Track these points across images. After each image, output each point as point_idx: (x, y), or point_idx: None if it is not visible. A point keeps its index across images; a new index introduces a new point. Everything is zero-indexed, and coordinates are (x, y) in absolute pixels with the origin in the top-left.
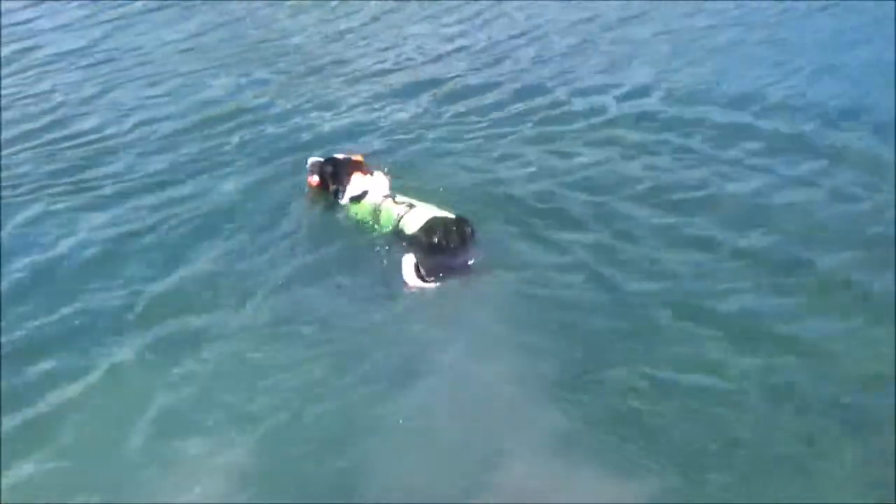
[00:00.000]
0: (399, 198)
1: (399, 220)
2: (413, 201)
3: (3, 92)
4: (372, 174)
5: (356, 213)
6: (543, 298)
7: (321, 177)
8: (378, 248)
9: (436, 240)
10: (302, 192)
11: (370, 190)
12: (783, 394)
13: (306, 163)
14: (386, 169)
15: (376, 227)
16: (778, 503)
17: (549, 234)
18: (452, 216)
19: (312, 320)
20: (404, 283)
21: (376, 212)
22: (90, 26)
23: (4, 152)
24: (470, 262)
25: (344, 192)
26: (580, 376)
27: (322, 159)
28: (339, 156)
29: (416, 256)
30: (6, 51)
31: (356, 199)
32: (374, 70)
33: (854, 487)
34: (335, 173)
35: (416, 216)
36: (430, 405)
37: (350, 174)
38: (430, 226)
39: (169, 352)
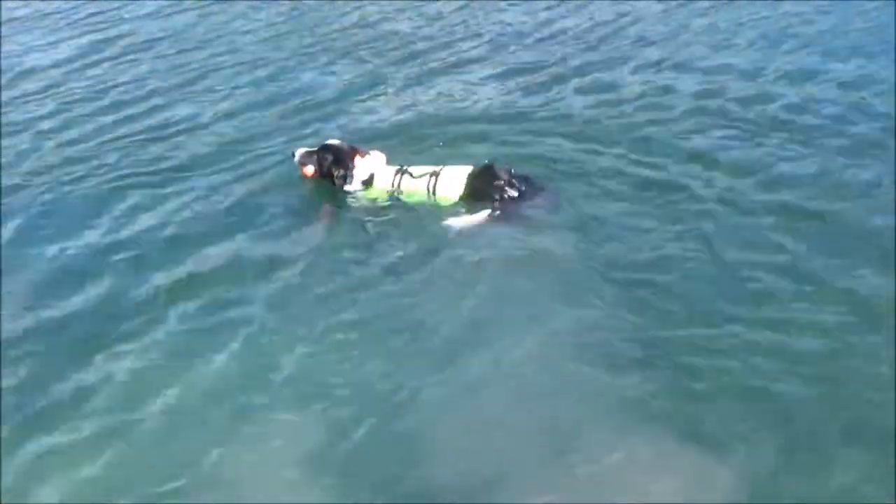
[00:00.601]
0: (414, 170)
1: (433, 192)
2: (430, 168)
3: (86, 83)
4: (369, 154)
5: (376, 198)
6: (614, 261)
7: (320, 165)
8: (413, 221)
9: (486, 186)
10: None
11: (376, 171)
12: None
13: (292, 155)
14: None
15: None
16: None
17: (624, 199)
18: (484, 165)
19: (365, 298)
20: (448, 225)
21: (397, 193)
22: (174, 14)
23: (93, 142)
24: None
25: (352, 177)
26: (655, 345)
27: (311, 148)
28: (333, 142)
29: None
30: (87, 40)
31: (366, 183)
32: (462, 56)
33: None
34: (338, 160)
35: (449, 180)
36: (496, 377)
37: (353, 158)
38: (474, 179)
39: (229, 333)
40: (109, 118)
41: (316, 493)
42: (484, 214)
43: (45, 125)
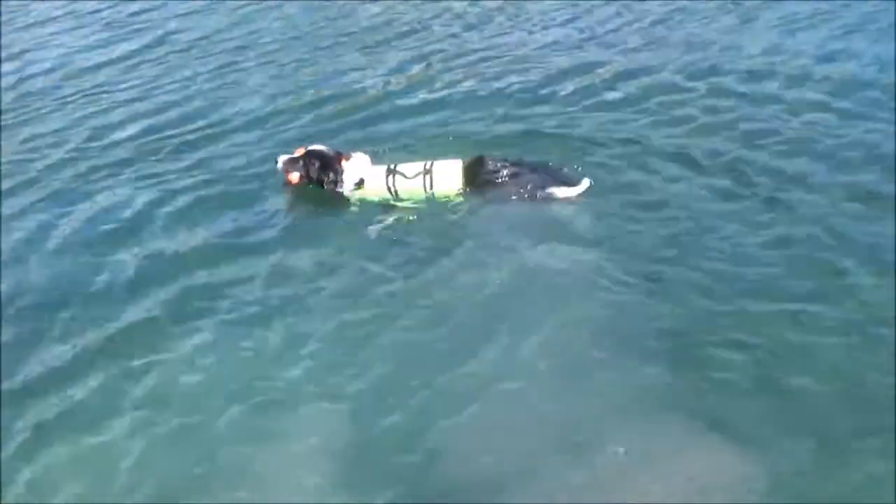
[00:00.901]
0: (405, 169)
1: (431, 188)
2: (420, 166)
3: (124, 85)
4: (353, 156)
5: (373, 200)
6: (639, 249)
7: (307, 171)
8: (416, 218)
9: (480, 174)
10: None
11: (364, 174)
12: None
13: (276, 162)
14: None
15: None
16: None
17: (656, 185)
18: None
19: (379, 297)
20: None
21: (395, 193)
22: (213, 15)
23: (129, 144)
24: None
25: (342, 181)
26: (685, 337)
27: (293, 155)
28: (317, 147)
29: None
30: (126, 41)
31: (357, 185)
32: (499, 57)
33: None
34: (325, 165)
35: (444, 176)
36: (522, 368)
37: (339, 162)
38: (467, 170)
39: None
40: (146, 121)
41: (333, 491)
42: (584, 185)
43: (83, 126)
